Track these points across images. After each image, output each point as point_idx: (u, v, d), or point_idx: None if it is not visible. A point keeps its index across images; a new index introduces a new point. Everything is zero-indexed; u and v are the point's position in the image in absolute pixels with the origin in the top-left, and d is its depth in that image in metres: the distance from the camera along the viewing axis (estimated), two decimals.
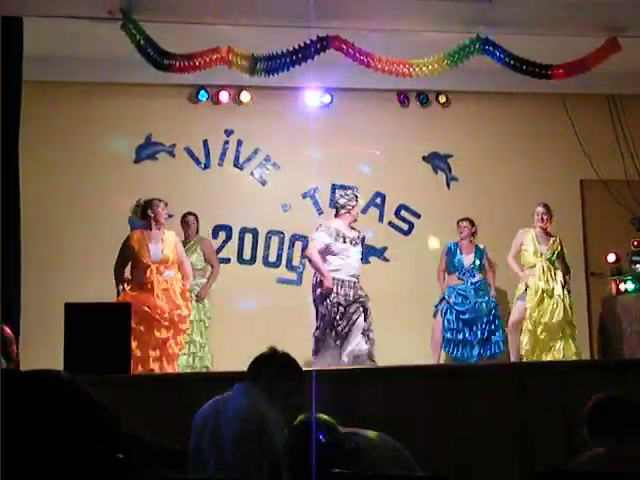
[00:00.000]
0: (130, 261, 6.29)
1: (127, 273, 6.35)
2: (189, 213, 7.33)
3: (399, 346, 7.10)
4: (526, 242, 7.17)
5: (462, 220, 7.54)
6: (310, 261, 6.43)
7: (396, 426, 3.62)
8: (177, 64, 6.37)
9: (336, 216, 6.52)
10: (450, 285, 7.38)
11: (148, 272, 6.15)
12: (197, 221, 7.34)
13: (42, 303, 6.64)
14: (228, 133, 8.14)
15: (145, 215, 6.37)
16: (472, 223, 7.51)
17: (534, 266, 7.08)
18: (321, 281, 6.22)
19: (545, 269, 7.03)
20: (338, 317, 6.15)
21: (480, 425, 3.65)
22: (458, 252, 7.45)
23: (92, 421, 1.64)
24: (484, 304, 7.23)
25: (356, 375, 5.16)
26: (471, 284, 7.32)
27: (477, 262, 7.39)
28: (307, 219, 7.72)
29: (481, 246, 7.51)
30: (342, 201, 6.50)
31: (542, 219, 7.20)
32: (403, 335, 7.40)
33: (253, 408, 3.13)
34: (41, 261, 7.11)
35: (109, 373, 4.44)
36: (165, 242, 6.31)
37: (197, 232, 7.35)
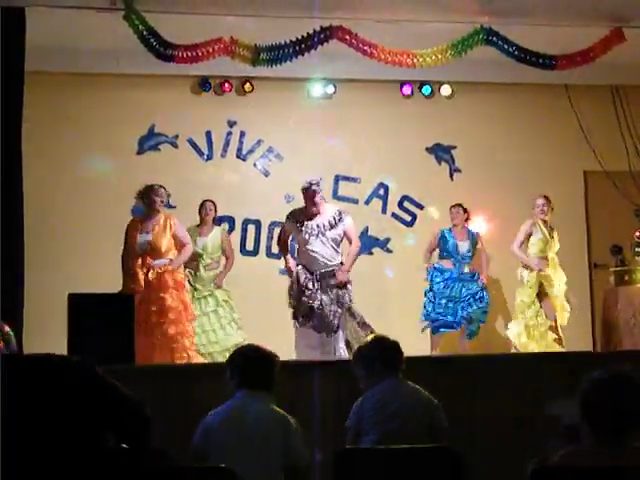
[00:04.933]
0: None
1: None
2: (207, 200, 7.29)
3: (402, 336, 7.09)
4: (535, 232, 7.23)
5: (454, 206, 7.56)
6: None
7: None
8: (180, 55, 6.36)
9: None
10: (440, 267, 7.41)
11: (132, 263, 6.16)
12: (215, 209, 7.28)
13: (45, 294, 6.64)
14: (231, 124, 8.12)
15: (143, 202, 6.38)
16: (465, 209, 7.53)
17: (546, 257, 7.19)
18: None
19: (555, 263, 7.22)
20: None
21: (485, 413, 3.66)
22: (452, 238, 7.47)
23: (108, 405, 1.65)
24: (470, 291, 7.31)
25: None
26: (461, 272, 7.37)
27: (472, 249, 7.44)
28: None
29: (474, 231, 7.55)
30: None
31: (543, 211, 7.23)
32: (405, 325, 7.40)
33: (281, 414, 3.26)
34: (44, 252, 7.11)
35: (114, 364, 4.44)
36: (156, 230, 6.27)
37: (214, 220, 7.33)
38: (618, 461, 2.36)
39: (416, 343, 7.20)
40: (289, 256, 6.57)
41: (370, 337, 3.83)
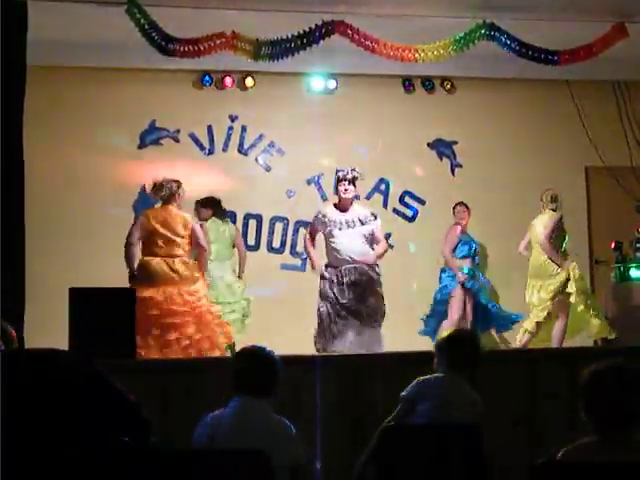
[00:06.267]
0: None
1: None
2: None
3: (403, 332, 7.12)
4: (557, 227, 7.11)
5: (459, 204, 7.51)
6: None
7: None
8: (181, 49, 6.35)
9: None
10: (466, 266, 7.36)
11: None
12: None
13: (46, 288, 6.64)
14: (232, 119, 8.12)
15: (172, 197, 6.08)
16: (467, 207, 7.50)
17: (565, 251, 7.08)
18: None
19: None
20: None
21: (488, 410, 3.69)
22: (467, 236, 7.44)
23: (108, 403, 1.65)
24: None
25: (358, 362, 5.17)
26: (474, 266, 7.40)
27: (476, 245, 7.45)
28: (311, 205, 7.70)
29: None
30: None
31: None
32: (406, 321, 7.41)
33: (282, 427, 3.19)
34: (45, 246, 7.11)
35: (115, 358, 4.45)
36: None
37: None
38: (623, 455, 2.36)
39: (417, 338, 7.22)
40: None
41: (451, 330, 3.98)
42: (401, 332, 7.07)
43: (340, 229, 6.16)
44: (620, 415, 2.41)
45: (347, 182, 6.19)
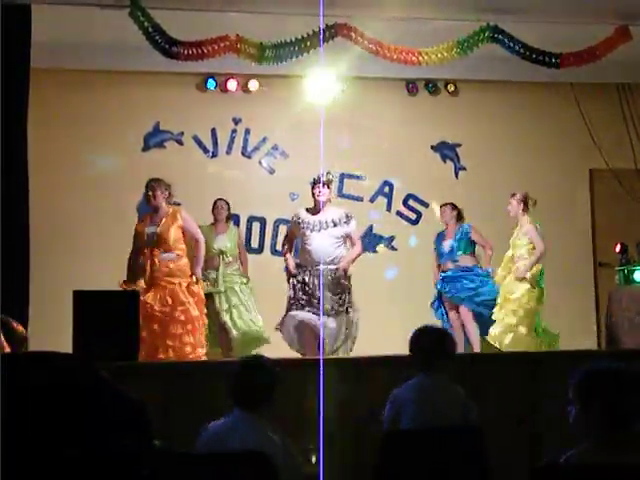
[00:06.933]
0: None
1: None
2: (219, 199, 7.28)
3: (405, 334, 7.10)
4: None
5: (443, 205, 7.36)
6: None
7: None
8: (185, 52, 6.36)
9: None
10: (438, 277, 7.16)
11: (141, 257, 6.12)
12: (228, 207, 7.29)
13: (50, 291, 6.66)
14: (236, 121, 8.13)
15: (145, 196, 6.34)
16: (454, 207, 7.27)
17: None
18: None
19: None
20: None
21: (489, 411, 3.70)
22: (441, 240, 7.28)
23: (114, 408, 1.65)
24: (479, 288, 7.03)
25: (361, 363, 5.17)
26: (457, 268, 7.06)
27: (455, 244, 7.11)
28: None
29: (465, 225, 7.21)
30: None
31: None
32: (409, 324, 7.39)
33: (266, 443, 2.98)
34: (49, 249, 7.13)
35: (118, 360, 4.46)
36: (163, 221, 6.15)
37: (229, 219, 7.30)
38: (621, 457, 2.35)
39: None
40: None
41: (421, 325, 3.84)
42: (403, 334, 7.06)
43: (312, 230, 6.21)
44: (617, 417, 2.41)
45: (322, 185, 6.28)
